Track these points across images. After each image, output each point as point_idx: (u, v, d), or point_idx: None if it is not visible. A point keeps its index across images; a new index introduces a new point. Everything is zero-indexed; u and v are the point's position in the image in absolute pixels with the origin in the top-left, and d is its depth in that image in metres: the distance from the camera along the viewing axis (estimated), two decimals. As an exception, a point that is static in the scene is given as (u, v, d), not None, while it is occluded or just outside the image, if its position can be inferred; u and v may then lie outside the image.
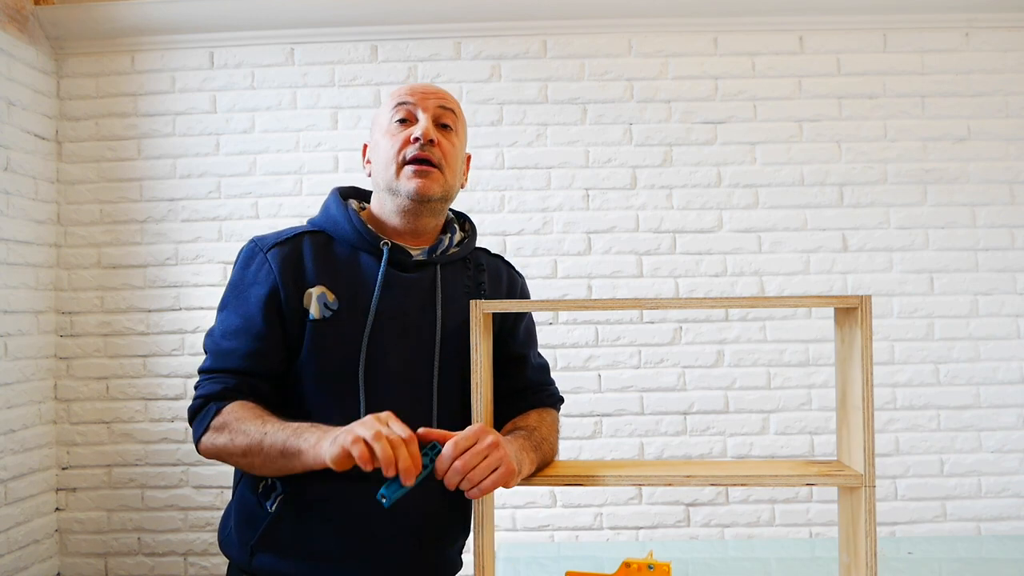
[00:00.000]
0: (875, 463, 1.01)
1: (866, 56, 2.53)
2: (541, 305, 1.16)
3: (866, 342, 1.00)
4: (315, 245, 1.20)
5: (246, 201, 2.56)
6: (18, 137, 2.39)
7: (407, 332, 1.18)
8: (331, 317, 1.15)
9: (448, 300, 1.22)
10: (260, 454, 1.07)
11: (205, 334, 1.23)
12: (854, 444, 1.05)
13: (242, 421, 1.10)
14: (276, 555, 1.16)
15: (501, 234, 2.53)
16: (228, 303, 1.20)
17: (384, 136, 1.22)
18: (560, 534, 2.52)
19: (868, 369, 1.00)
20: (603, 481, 1.06)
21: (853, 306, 1.01)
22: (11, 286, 2.35)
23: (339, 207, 1.24)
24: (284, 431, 1.06)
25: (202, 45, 2.56)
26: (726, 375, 2.52)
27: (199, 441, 1.15)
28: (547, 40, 2.55)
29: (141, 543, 2.55)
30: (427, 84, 1.30)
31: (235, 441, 1.09)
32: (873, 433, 1.00)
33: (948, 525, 2.48)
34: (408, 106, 1.22)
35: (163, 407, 2.55)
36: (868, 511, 1.00)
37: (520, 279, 1.38)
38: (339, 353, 1.15)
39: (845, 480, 1.03)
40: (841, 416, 1.11)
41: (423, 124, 1.20)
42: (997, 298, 2.50)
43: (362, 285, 1.18)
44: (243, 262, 1.21)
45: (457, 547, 1.29)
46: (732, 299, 1.04)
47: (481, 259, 1.32)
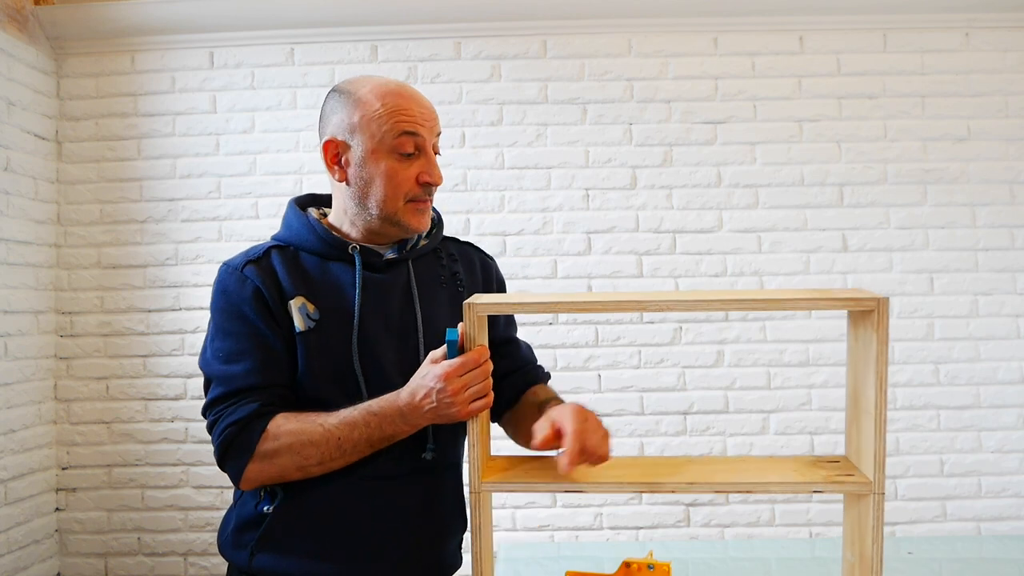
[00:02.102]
0: (885, 469, 0.98)
1: (866, 56, 2.53)
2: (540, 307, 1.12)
3: (881, 346, 0.96)
4: (284, 259, 1.19)
5: (246, 201, 2.56)
6: (18, 137, 2.39)
7: (391, 330, 1.18)
8: (315, 327, 1.14)
9: (425, 293, 1.22)
10: (339, 446, 1.09)
11: (201, 364, 1.18)
12: (864, 448, 1.02)
13: (299, 433, 1.09)
14: (276, 555, 1.16)
15: (501, 234, 2.53)
16: (221, 328, 1.16)
17: (387, 163, 1.15)
18: (560, 534, 2.52)
19: (883, 374, 0.96)
20: (603, 487, 1.04)
21: (869, 308, 0.98)
22: (11, 286, 2.35)
23: (300, 219, 1.22)
24: (353, 412, 1.09)
25: (202, 45, 2.56)
26: (726, 375, 2.52)
27: (243, 472, 1.11)
28: (547, 40, 2.55)
29: (141, 543, 2.55)
30: (421, 99, 1.19)
31: (304, 453, 1.09)
32: (884, 439, 0.96)
33: (948, 525, 2.48)
34: (416, 139, 1.16)
35: (163, 407, 2.55)
36: (876, 518, 0.97)
37: (492, 262, 1.37)
38: (332, 359, 1.15)
39: (854, 487, 1.00)
40: (851, 416, 1.09)
41: (434, 168, 1.18)
42: (997, 298, 2.50)
43: (339, 291, 1.17)
44: (221, 286, 1.18)
45: (457, 542, 1.28)
46: (743, 300, 0.99)
47: (451, 248, 1.32)
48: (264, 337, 1.14)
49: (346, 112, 1.17)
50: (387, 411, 1.08)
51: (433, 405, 1.05)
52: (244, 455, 1.10)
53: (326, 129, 1.20)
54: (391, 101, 1.15)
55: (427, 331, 1.20)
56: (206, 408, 1.15)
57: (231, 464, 1.12)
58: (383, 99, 1.15)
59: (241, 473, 1.11)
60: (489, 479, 1.04)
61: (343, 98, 1.18)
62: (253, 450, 1.10)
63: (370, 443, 1.10)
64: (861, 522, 1.02)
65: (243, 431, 1.10)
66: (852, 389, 1.08)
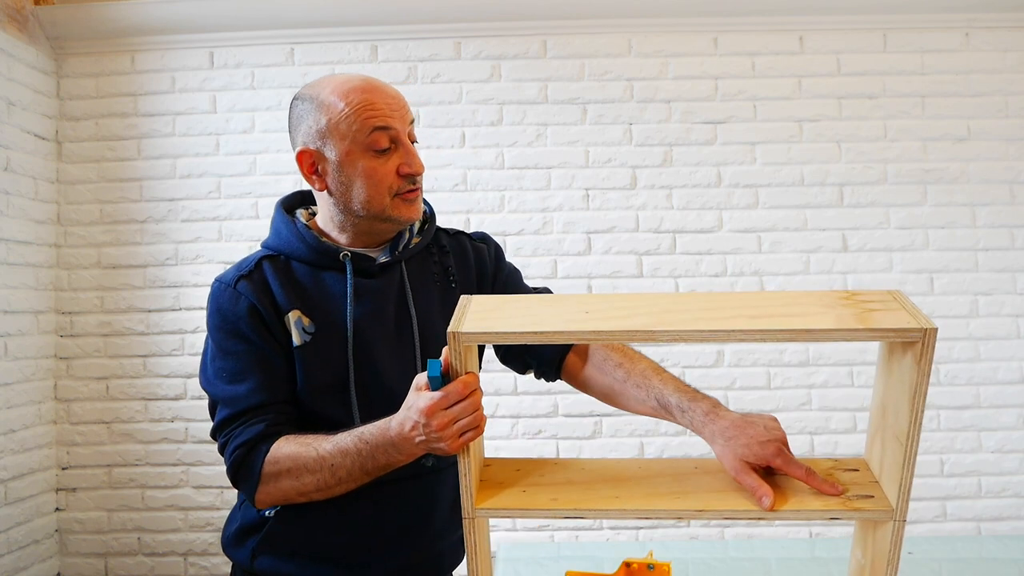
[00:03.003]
0: (909, 498, 0.91)
1: (866, 56, 2.53)
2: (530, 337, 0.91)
3: (922, 377, 0.86)
4: (276, 270, 1.15)
5: (246, 201, 2.56)
6: (18, 137, 2.39)
7: (388, 336, 1.17)
8: (311, 341, 1.13)
9: (419, 294, 1.21)
10: (332, 473, 1.06)
11: (203, 384, 1.16)
12: (888, 472, 0.94)
13: (295, 458, 1.07)
14: (277, 558, 1.16)
15: (501, 234, 2.53)
16: (221, 348, 1.13)
17: (364, 162, 1.12)
18: (560, 534, 2.52)
19: (919, 406, 0.87)
20: (607, 514, 0.94)
21: (914, 340, 0.85)
22: (11, 286, 2.35)
23: (288, 227, 1.18)
24: (347, 438, 1.06)
25: (202, 45, 2.56)
26: (726, 375, 2.52)
27: (255, 495, 1.10)
28: (547, 40, 2.55)
29: (141, 543, 2.55)
30: (385, 89, 1.14)
31: (301, 479, 1.08)
32: (913, 470, 0.89)
33: (948, 525, 2.48)
34: (389, 132, 1.11)
35: (163, 407, 2.55)
36: (894, 543, 0.92)
37: (483, 245, 1.32)
38: (329, 373, 1.13)
39: (874, 515, 0.92)
40: (876, 434, 1.00)
41: (413, 157, 1.13)
42: (997, 298, 2.50)
43: (332, 302, 1.15)
44: (216, 305, 1.14)
45: (458, 536, 1.27)
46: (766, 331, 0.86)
47: (443, 241, 1.28)
48: (264, 354, 1.12)
49: (312, 119, 1.12)
50: (378, 440, 1.04)
51: (422, 439, 0.98)
52: (252, 478, 1.09)
53: (296, 139, 1.16)
54: (355, 98, 1.11)
55: (422, 333, 1.19)
56: (216, 431, 1.14)
57: (243, 486, 1.11)
58: (346, 98, 1.11)
59: (253, 495, 1.10)
60: (484, 503, 0.95)
61: (306, 105, 1.13)
62: (259, 474, 1.09)
63: (364, 471, 1.06)
64: (876, 546, 0.95)
65: (250, 453, 1.09)
66: (880, 409, 0.98)
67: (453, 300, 1.21)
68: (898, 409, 0.90)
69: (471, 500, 0.94)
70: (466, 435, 0.95)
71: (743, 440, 0.98)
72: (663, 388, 1.16)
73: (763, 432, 0.98)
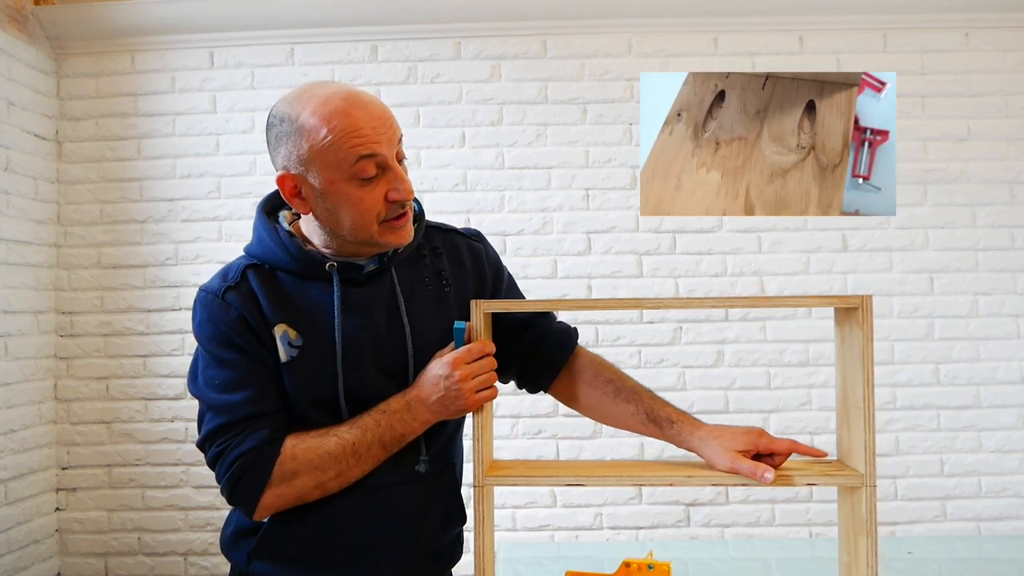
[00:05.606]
0: (876, 463, 1.01)
1: (866, 56, 2.53)
2: (541, 305, 1.20)
3: (867, 342, 1.00)
4: (261, 280, 1.12)
5: (246, 201, 2.56)
6: (18, 137, 2.39)
7: (380, 347, 1.13)
8: (298, 356, 1.10)
9: (410, 299, 1.17)
10: (355, 451, 1.08)
11: (193, 391, 1.14)
12: (855, 444, 1.04)
13: (316, 448, 1.08)
14: (272, 562, 1.15)
15: (501, 234, 2.53)
16: (214, 357, 1.11)
17: (349, 190, 1.06)
18: (560, 534, 2.52)
19: (869, 369, 1.01)
20: (604, 481, 1.07)
21: (854, 306, 1.02)
22: (11, 286, 2.35)
23: (270, 234, 1.13)
24: (365, 415, 1.10)
25: (202, 45, 2.56)
26: (726, 375, 2.52)
27: (259, 501, 1.07)
28: (547, 40, 2.55)
29: (141, 543, 2.55)
30: (371, 109, 1.06)
31: (323, 467, 1.07)
32: (874, 433, 1.01)
33: (948, 525, 2.48)
34: (376, 159, 1.05)
35: (163, 407, 2.55)
36: (869, 511, 1.00)
37: (480, 244, 1.28)
38: (317, 388, 1.11)
39: (846, 479, 1.03)
40: (841, 416, 1.11)
41: (402, 182, 1.08)
42: (997, 298, 2.50)
43: (319, 313, 1.11)
44: (206, 314, 1.11)
45: (455, 534, 1.26)
46: (733, 299, 1.04)
47: (435, 241, 1.23)
48: (258, 363, 1.10)
49: (292, 143, 1.06)
50: (394, 407, 1.09)
51: (440, 394, 1.07)
52: (259, 483, 1.06)
53: (276, 161, 1.10)
54: (337, 123, 1.03)
55: (416, 341, 1.15)
56: (206, 440, 1.10)
57: (244, 493, 1.08)
58: (328, 122, 1.03)
59: (257, 502, 1.07)
60: (492, 474, 1.07)
61: (285, 127, 1.07)
62: (269, 476, 1.06)
63: (383, 445, 1.09)
64: (855, 517, 1.04)
65: (257, 458, 1.06)
66: (841, 387, 1.11)
67: (447, 304, 1.19)
68: (854, 382, 1.04)
69: (482, 468, 1.06)
70: (482, 393, 1.08)
71: (728, 435, 1.11)
72: (652, 403, 1.21)
73: (741, 428, 1.12)
